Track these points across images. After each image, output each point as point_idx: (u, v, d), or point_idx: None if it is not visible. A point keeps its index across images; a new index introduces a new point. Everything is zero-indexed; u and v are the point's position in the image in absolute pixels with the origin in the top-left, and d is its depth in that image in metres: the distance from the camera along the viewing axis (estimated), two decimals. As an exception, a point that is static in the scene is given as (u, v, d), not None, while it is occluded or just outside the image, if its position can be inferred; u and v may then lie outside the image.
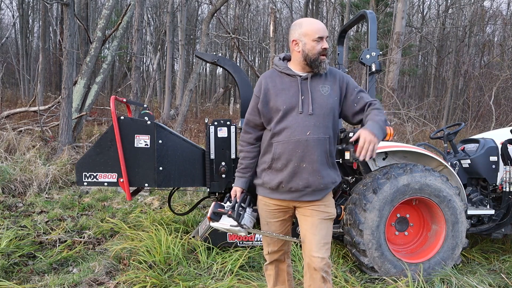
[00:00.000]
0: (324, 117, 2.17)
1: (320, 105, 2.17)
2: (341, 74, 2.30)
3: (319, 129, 2.16)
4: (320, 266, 2.15)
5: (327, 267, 2.16)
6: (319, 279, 2.16)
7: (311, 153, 2.14)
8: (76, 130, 8.03)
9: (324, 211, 2.21)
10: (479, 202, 3.81)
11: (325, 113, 2.17)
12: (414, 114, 11.41)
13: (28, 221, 4.40)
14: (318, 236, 2.17)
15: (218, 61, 4.07)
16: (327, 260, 2.17)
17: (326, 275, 2.16)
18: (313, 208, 2.21)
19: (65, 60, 7.06)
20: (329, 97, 2.20)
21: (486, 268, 3.61)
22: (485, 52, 22.20)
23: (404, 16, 12.91)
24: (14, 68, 22.53)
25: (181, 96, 15.86)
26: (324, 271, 2.15)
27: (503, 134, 3.95)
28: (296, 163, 2.15)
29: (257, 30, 34.99)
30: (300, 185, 2.16)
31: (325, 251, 2.17)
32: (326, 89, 2.20)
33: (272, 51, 11.19)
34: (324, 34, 2.17)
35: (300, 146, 2.14)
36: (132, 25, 9.47)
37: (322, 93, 2.19)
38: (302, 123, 2.16)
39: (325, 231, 2.20)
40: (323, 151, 2.16)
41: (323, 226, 2.19)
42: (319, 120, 2.16)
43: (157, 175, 3.45)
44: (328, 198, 2.25)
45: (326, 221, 2.21)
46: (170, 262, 3.29)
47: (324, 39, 2.18)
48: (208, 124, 3.66)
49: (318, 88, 2.20)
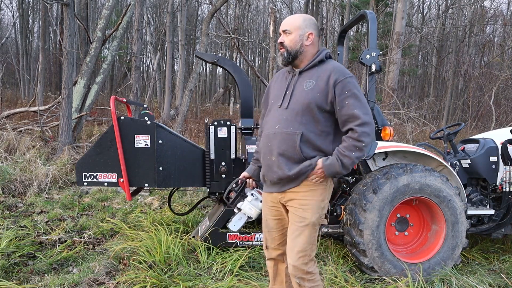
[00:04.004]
0: (297, 112, 2.13)
1: (297, 100, 2.15)
2: (337, 72, 2.13)
3: (289, 123, 2.13)
4: (292, 273, 2.18)
5: (302, 274, 2.14)
6: (295, 284, 2.20)
7: (277, 146, 2.15)
8: (76, 130, 8.03)
9: (301, 216, 2.14)
10: (479, 202, 3.81)
11: (299, 108, 2.13)
12: (414, 114, 11.41)
13: (28, 221, 4.40)
14: (292, 244, 2.17)
15: (218, 61, 4.07)
16: (302, 268, 2.13)
17: (301, 281, 2.16)
18: (292, 211, 2.19)
19: (65, 60, 7.06)
20: (309, 92, 2.14)
21: (486, 268, 3.60)
22: (485, 52, 22.20)
23: (404, 16, 12.91)
24: (14, 68, 22.52)
25: (181, 96, 15.86)
26: (298, 277, 2.16)
27: (503, 134, 3.95)
28: (268, 156, 2.20)
29: (257, 30, 34.98)
30: (274, 177, 2.19)
31: (297, 259, 2.13)
32: (310, 84, 2.15)
33: (272, 51, 11.18)
34: (280, 29, 2.24)
35: (270, 139, 2.19)
36: (132, 25, 9.47)
37: (304, 88, 2.16)
38: (276, 117, 2.20)
39: (301, 239, 2.13)
40: (291, 146, 2.11)
41: (298, 233, 2.14)
42: (291, 114, 2.14)
43: (157, 175, 3.45)
44: (309, 198, 2.15)
45: (303, 228, 2.13)
46: (170, 262, 3.29)
47: (282, 34, 2.23)
48: (208, 124, 3.67)
49: (303, 83, 2.18)
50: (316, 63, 2.21)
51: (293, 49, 2.20)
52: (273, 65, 11.35)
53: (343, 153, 2.07)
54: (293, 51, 2.20)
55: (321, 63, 2.22)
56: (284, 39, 2.22)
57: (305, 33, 2.21)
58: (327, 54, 2.25)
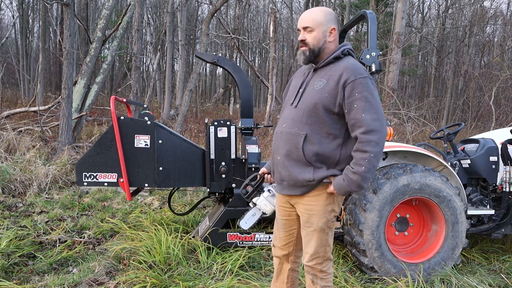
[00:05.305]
0: (304, 112, 2.05)
1: (305, 99, 2.07)
2: (349, 72, 1.98)
3: (295, 123, 2.07)
4: (306, 269, 2.21)
5: (316, 272, 2.17)
6: (309, 279, 2.22)
7: (281, 146, 2.11)
8: (76, 130, 8.03)
9: (307, 221, 2.13)
10: (479, 202, 3.81)
11: (306, 108, 2.04)
12: (414, 114, 11.42)
13: (28, 221, 4.40)
14: (305, 246, 2.19)
15: (218, 61, 4.07)
16: (317, 267, 2.16)
17: (315, 278, 2.18)
18: (300, 215, 2.18)
19: (65, 60, 7.06)
20: (318, 92, 2.03)
21: (486, 268, 3.60)
22: (485, 52, 22.21)
23: (404, 16, 12.91)
24: (14, 68, 22.53)
25: (181, 96, 15.86)
26: (311, 274, 2.19)
27: (503, 134, 3.95)
28: (275, 155, 2.17)
29: (257, 30, 34.97)
30: (278, 177, 2.17)
31: (311, 260, 2.15)
32: (321, 83, 2.05)
33: (272, 51, 11.19)
34: (300, 25, 2.11)
35: (277, 138, 2.16)
36: (132, 25, 9.47)
37: (314, 87, 2.07)
38: (286, 115, 2.16)
39: (312, 243, 2.13)
40: (294, 147, 2.04)
41: (309, 237, 2.15)
42: (298, 114, 2.07)
43: (157, 175, 3.45)
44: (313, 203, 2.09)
45: (312, 232, 2.12)
46: (170, 262, 3.29)
47: (301, 30, 2.10)
48: (208, 124, 3.67)
49: (315, 81, 2.09)
50: (332, 60, 2.07)
51: (316, 47, 2.07)
52: (273, 65, 11.35)
53: (352, 170, 1.95)
54: (316, 49, 2.07)
55: (336, 60, 2.08)
56: (306, 36, 2.07)
57: (328, 28, 2.07)
58: (345, 50, 2.09)
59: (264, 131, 11.23)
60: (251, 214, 2.44)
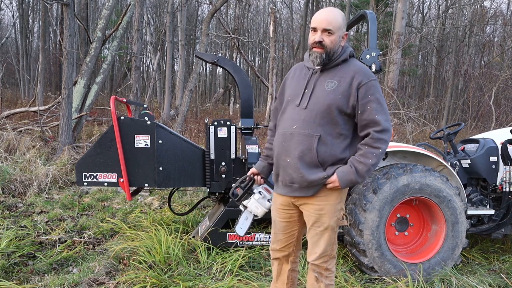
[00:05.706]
0: (317, 113, 2.05)
1: (317, 100, 2.07)
2: (361, 74, 2.05)
3: (308, 124, 2.05)
4: (311, 267, 2.23)
5: (321, 270, 2.19)
6: (313, 277, 2.24)
7: (293, 148, 2.08)
8: (76, 130, 8.03)
9: (318, 221, 2.13)
10: (479, 202, 3.81)
11: (319, 109, 2.05)
12: (414, 114, 11.42)
13: (28, 221, 4.40)
14: (313, 246, 2.19)
15: (218, 61, 4.07)
16: (323, 265, 2.17)
17: (320, 276, 2.20)
18: (308, 215, 2.17)
19: (65, 60, 7.06)
20: (330, 93, 2.05)
21: (486, 268, 3.60)
22: (485, 52, 22.21)
23: (404, 16, 12.90)
24: (14, 68, 22.53)
25: (181, 96, 15.86)
26: (317, 272, 2.20)
27: (503, 134, 3.95)
28: (283, 157, 2.13)
29: (257, 30, 34.98)
30: (287, 180, 2.14)
31: (318, 259, 2.16)
32: (332, 85, 2.06)
33: (272, 51, 11.18)
34: (319, 25, 2.05)
35: (286, 139, 2.12)
36: (132, 25, 9.47)
37: (325, 88, 2.07)
38: (293, 116, 2.12)
39: (321, 243, 2.14)
40: (307, 148, 2.04)
41: (318, 237, 2.16)
42: (310, 115, 2.06)
43: (157, 175, 3.45)
44: (323, 202, 2.11)
45: (322, 232, 2.13)
46: (170, 262, 3.29)
47: (319, 31, 2.05)
48: (208, 124, 3.67)
49: (324, 82, 2.08)
50: (340, 62, 2.10)
51: (332, 51, 2.07)
52: (273, 65, 11.35)
53: (358, 160, 2.02)
54: (332, 53, 2.07)
55: (344, 62, 2.12)
56: (325, 39, 2.05)
57: (342, 33, 2.11)
58: (351, 52, 2.14)
59: (264, 131, 11.22)
60: (244, 219, 2.39)
